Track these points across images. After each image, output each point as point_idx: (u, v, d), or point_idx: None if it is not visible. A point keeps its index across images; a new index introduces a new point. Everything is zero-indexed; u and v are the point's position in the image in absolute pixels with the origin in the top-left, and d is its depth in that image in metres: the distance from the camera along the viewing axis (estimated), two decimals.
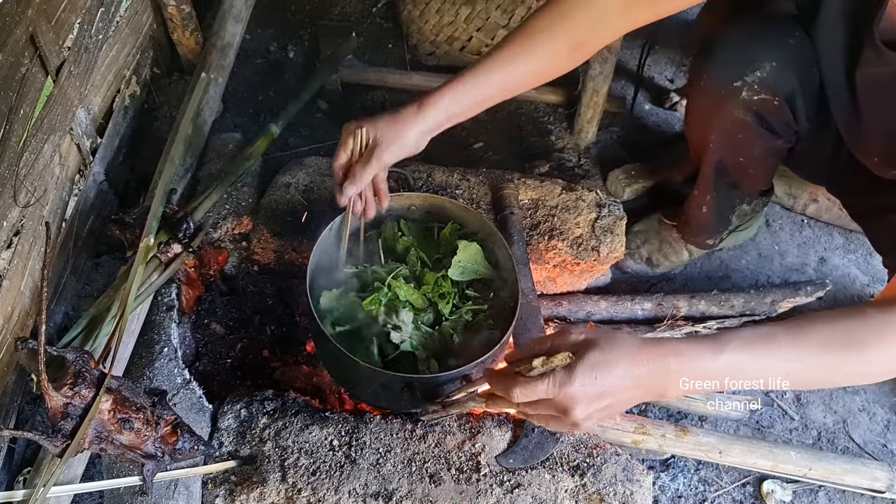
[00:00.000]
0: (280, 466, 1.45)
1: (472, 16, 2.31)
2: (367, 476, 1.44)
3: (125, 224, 1.66)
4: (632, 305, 1.91)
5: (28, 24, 1.49)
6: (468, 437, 1.51)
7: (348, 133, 1.40)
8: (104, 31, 1.86)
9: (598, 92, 2.19)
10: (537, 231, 1.86)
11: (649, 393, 1.02)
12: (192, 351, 1.76)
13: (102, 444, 1.27)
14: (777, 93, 1.46)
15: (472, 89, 1.37)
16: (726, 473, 1.75)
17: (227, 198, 1.88)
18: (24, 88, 1.51)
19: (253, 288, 1.88)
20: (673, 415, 1.81)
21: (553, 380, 0.96)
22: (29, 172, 1.53)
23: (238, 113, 2.30)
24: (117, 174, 2.01)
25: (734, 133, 1.58)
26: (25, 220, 1.54)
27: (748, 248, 2.17)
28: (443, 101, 1.37)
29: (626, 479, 1.49)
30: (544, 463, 1.50)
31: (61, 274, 1.77)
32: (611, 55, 2.09)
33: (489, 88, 1.38)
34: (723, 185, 1.75)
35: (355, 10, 2.67)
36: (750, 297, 1.93)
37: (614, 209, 1.92)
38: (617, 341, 1.00)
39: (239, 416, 1.53)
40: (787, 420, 1.86)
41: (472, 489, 1.44)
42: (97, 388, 1.26)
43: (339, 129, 2.28)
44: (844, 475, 1.65)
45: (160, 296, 1.70)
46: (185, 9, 2.17)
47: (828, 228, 2.22)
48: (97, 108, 1.89)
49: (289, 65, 2.51)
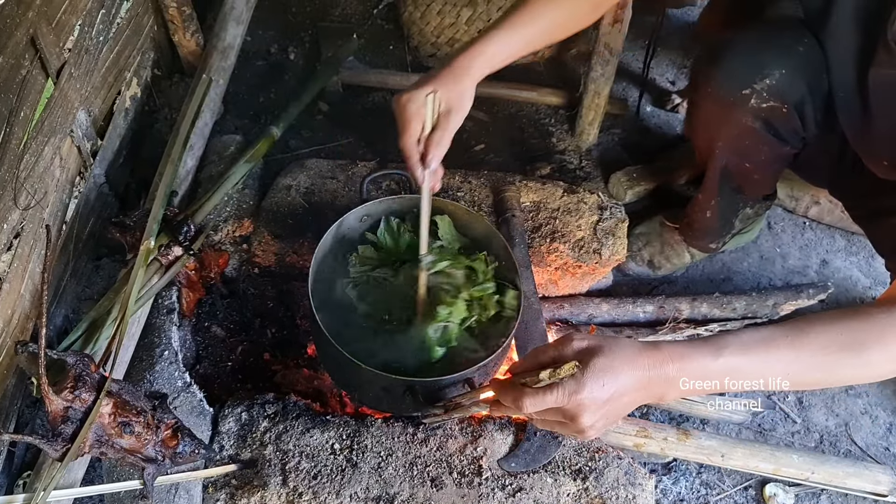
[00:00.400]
0: (281, 470, 1.44)
1: (474, 17, 2.31)
2: (369, 480, 1.44)
3: (125, 227, 1.66)
4: (633, 308, 1.90)
5: (29, 26, 1.49)
6: (470, 440, 1.50)
7: (416, 102, 1.30)
8: (105, 32, 1.86)
9: (600, 94, 2.18)
10: (539, 233, 1.86)
11: (650, 396, 1.02)
12: (193, 354, 1.76)
13: (103, 447, 1.27)
14: (786, 100, 1.46)
15: (511, 40, 1.35)
16: (728, 477, 1.75)
17: (228, 200, 1.88)
18: (24, 91, 1.50)
19: (254, 291, 1.87)
20: (675, 418, 1.80)
21: (563, 389, 0.96)
22: (29, 175, 1.52)
23: (239, 115, 2.30)
24: (118, 176, 2.00)
25: (741, 140, 1.57)
26: (26, 223, 1.54)
27: (750, 250, 2.16)
28: (488, 51, 1.34)
29: (629, 482, 1.49)
30: (546, 467, 1.49)
31: (61, 277, 1.77)
32: (612, 57, 2.09)
33: (521, 41, 1.37)
34: (727, 189, 1.75)
35: (356, 12, 2.67)
36: (752, 299, 1.92)
37: (616, 211, 1.92)
38: (619, 346, 1.00)
39: (240, 419, 1.53)
40: (789, 423, 1.86)
41: (474, 493, 1.44)
42: (97, 392, 1.26)
43: (340, 131, 2.29)
44: (847, 479, 1.64)
45: (161, 299, 1.70)
46: (185, 10, 2.17)
47: (830, 231, 2.22)
48: (98, 110, 1.89)
49: (289, 66, 2.51)
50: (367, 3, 2.68)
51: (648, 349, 1.00)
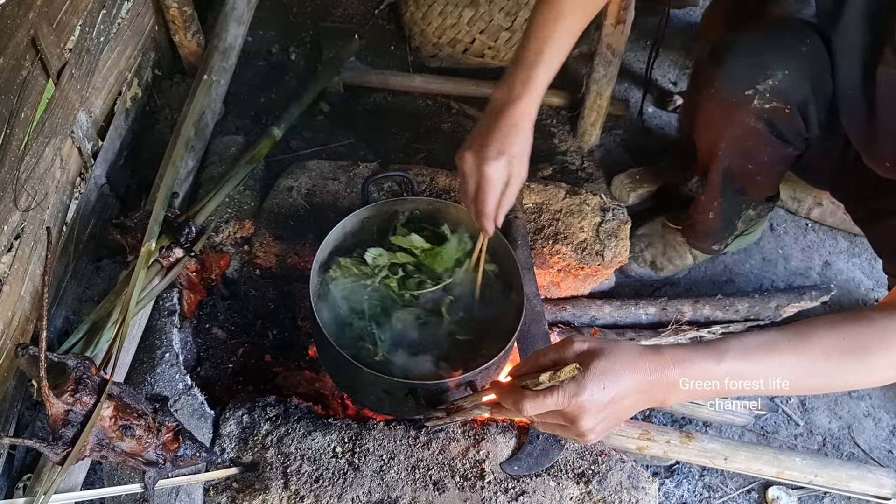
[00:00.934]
0: (283, 473, 1.44)
1: (475, 18, 2.30)
2: (371, 483, 1.43)
3: (126, 228, 1.65)
4: (636, 310, 1.90)
5: (29, 26, 1.48)
6: (472, 443, 1.50)
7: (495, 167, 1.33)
8: (105, 33, 1.85)
9: (602, 95, 2.18)
10: (541, 235, 1.85)
11: (651, 400, 1.02)
12: (194, 356, 1.75)
13: (103, 451, 1.26)
14: (789, 101, 1.45)
15: (548, 72, 1.37)
16: (731, 480, 1.74)
17: (229, 201, 1.87)
18: (25, 92, 1.50)
19: (255, 292, 1.87)
20: (677, 420, 1.80)
21: (563, 392, 0.95)
22: (30, 176, 1.52)
23: (240, 115, 2.29)
24: (118, 177, 2.00)
25: (744, 141, 1.57)
26: (26, 225, 1.53)
27: (752, 252, 2.16)
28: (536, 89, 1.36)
29: (632, 486, 1.48)
30: (549, 470, 1.49)
31: (62, 278, 1.76)
32: (614, 58, 2.08)
33: (558, 61, 1.38)
34: (730, 191, 1.74)
35: (357, 12, 2.66)
36: (754, 301, 1.92)
37: (618, 213, 1.91)
38: (621, 350, 0.99)
39: (241, 422, 1.52)
40: (792, 426, 1.85)
41: (477, 497, 1.43)
42: (98, 395, 1.25)
43: (341, 132, 2.29)
44: (850, 482, 1.64)
45: (161, 300, 1.69)
46: (186, 11, 2.16)
47: (832, 232, 2.22)
48: (98, 111, 1.88)
49: (291, 67, 2.50)
50: (368, 4, 2.68)
51: (650, 353, 1.00)
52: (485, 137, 1.34)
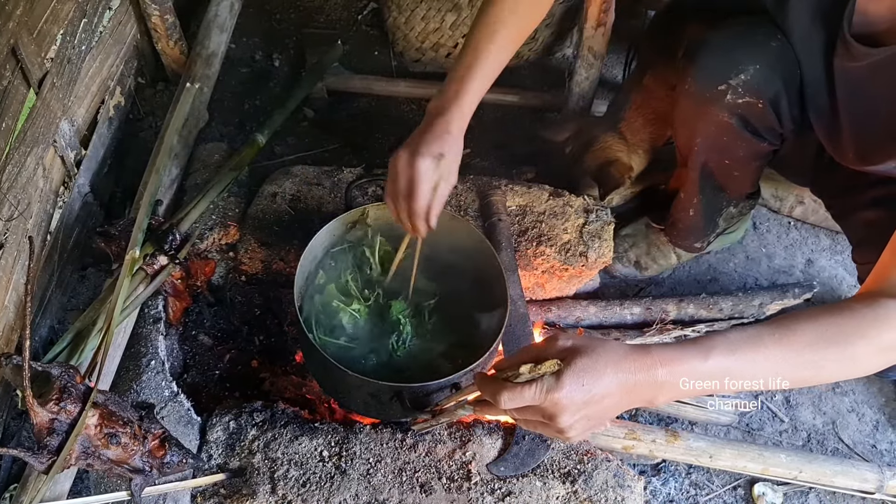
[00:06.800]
0: (270, 478, 1.44)
1: (458, 22, 2.31)
2: (358, 487, 1.44)
3: (111, 236, 1.65)
4: (621, 310, 1.91)
5: (9, 36, 1.48)
6: (459, 445, 1.50)
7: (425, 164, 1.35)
8: (87, 41, 1.85)
9: (584, 97, 2.19)
10: (525, 237, 1.86)
11: (637, 400, 1.02)
12: (180, 363, 1.75)
13: (89, 459, 1.26)
14: (761, 96, 1.47)
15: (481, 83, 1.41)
16: (717, 477, 1.76)
17: (214, 208, 1.87)
18: (5, 101, 1.50)
19: (240, 298, 1.86)
20: (663, 419, 1.81)
21: (540, 386, 0.96)
22: (12, 186, 1.52)
23: (224, 122, 2.29)
24: (102, 186, 2.00)
25: (719, 136, 1.59)
26: (9, 234, 1.53)
27: (736, 250, 2.17)
28: (467, 100, 1.39)
29: (618, 484, 1.49)
30: (535, 470, 1.49)
31: (46, 287, 1.76)
32: (596, 61, 2.10)
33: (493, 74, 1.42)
34: (709, 187, 1.75)
35: (341, 18, 2.67)
36: (738, 299, 1.93)
37: (602, 214, 1.92)
38: (605, 348, 0.99)
39: (228, 428, 1.52)
40: (776, 422, 1.87)
41: (464, 498, 1.44)
42: (83, 403, 1.25)
43: (326, 137, 2.29)
44: (834, 477, 1.65)
45: (147, 308, 1.69)
46: (169, 18, 2.16)
47: (814, 230, 2.23)
48: (81, 120, 1.88)
49: (274, 73, 2.51)
50: (351, 10, 2.68)
51: (636, 352, 1.00)
52: (418, 140, 1.37)
